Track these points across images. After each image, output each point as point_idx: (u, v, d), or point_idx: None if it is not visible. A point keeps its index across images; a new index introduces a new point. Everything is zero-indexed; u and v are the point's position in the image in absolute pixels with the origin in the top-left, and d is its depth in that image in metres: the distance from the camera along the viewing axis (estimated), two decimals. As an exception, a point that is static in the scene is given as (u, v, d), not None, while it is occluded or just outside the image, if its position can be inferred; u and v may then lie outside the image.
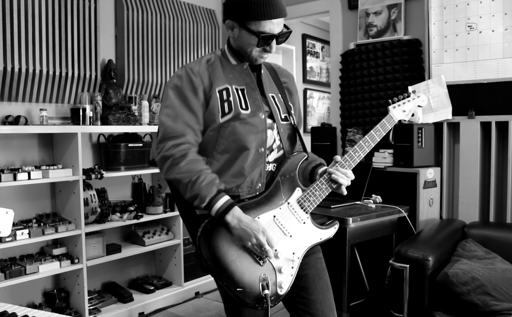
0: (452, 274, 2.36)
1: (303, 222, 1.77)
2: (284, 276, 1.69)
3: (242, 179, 1.75)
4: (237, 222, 1.64)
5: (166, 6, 3.97)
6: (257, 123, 1.78)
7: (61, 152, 3.26)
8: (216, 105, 1.74)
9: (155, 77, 3.87)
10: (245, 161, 1.75)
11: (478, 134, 3.06)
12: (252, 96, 1.81)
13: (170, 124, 1.72)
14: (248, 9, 1.69)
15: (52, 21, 3.20)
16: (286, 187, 1.78)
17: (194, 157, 1.71)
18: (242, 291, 1.63)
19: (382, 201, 3.02)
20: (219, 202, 1.65)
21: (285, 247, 1.72)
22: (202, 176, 1.66)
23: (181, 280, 3.80)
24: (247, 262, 1.66)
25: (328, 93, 6.03)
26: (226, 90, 1.77)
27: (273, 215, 1.74)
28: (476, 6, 3.06)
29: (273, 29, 1.71)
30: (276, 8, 1.69)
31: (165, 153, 1.70)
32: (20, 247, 3.05)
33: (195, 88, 1.75)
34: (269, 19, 1.69)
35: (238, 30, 1.76)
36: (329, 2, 3.91)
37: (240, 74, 1.82)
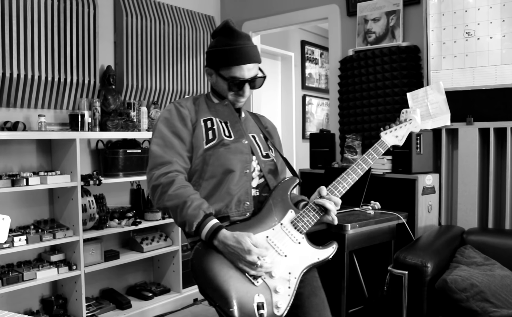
0: (451, 280, 2.36)
1: (298, 242, 1.77)
2: (280, 296, 1.66)
3: (230, 198, 1.82)
4: (223, 246, 1.67)
5: (165, 13, 3.98)
6: (240, 147, 1.89)
7: (59, 158, 3.25)
8: (201, 133, 1.87)
9: (154, 83, 3.87)
10: (231, 182, 1.83)
11: (477, 140, 3.06)
12: (236, 127, 1.95)
13: (159, 153, 1.82)
14: (220, 57, 1.88)
15: (51, 27, 3.21)
16: (278, 209, 1.81)
17: (181, 183, 1.77)
18: (235, 311, 1.59)
19: (380, 207, 3.02)
20: (207, 226, 1.69)
21: (280, 267, 1.70)
22: (189, 202, 1.71)
23: (179, 286, 3.78)
24: (240, 282, 1.65)
25: (327, 99, 6.04)
26: (210, 120, 1.92)
27: (266, 236, 1.75)
28: (474, 13, 3.07)
29: (243, 75, 1.87)
30: (245, 55, 1.86)
31: (154, 183, 1.78)
32: (18, 253, 3.05)
33: (183, 118, 1.88)
34: (238, 65, 1.85)
35: (215, 76, 1.94)
36: (328, 9, 3.92)
37: (223, 110, 1.97)
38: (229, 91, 1.93)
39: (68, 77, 3.31)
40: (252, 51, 1.89)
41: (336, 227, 2.60)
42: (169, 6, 4.05)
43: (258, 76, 1.92)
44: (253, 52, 1.90)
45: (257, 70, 1.93)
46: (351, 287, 2.80)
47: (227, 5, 4.64)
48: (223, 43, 1.89)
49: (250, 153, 1.91)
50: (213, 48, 1.92)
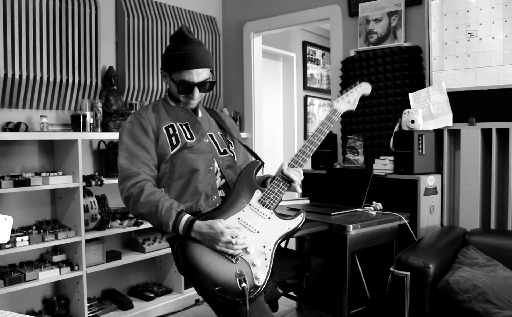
0: (453, 281, 2.35)
1: (268, 217, 1.92)
2: (258, 268, 1.80)
3: (198, 195, 1.99)
4: (200, 235, 1.82)
5: (166, 14, 3.99)
6: (203, 147, 2.05)
7: (61, 158, 3.26)
8: (165, 140, 2.01)
9: (156, 84, 3.87)
10: (197, 180, 1.99)
11: (479, 141, 3.06)
12: (195, 127, 2.09)
13: (127, 166, 1.96)
14: (171, 61, 2.01)
15: (53, 28, 3.21)
16: (245, 192, 1.97)
17: (150, 190, 1.91)
18: (221, 289, 1.75)
19: (382, 208, 3.02)
20: (181, 222, 1.84)
21: (255, 242, 1.85)
22: (160, 206, 1.86)
23: (181, 287, 3.78)
24: (220, 262, 1.80)
25: (329, 100, 6.04)
26: (172, 126, 2.05)
27: (238, 217, 1.91)
28: (476, 13, 3.07)
29: (192, 79, 2.00)
30: (193, 60, 1.97)
31: (126, 194, 1.93)
32: (20, 254, 3.05)
33: (145, 129, 2.01)
34: (186, 69, 1.98)
35: (168, 79, 2.07)
36: (329, 9, 3.92)
37: (180, 112, 2.10)
38: (179, 94, 2.05)
39: (70, 78, 3.32)
40: (202, 56, 2.01)
41: (338, 228, 2.61)
42: (171, 7, 4.05)
43: (208, 80, 2.05)
44: (203, 57, 2.01)
45: (207, 74, 2.05)
46: (353, 288, 2.80)
47: (229, 6, 4.64)
48: (175, 48, 2.01)
49: (212, 151, 2.07)
50: (166, 52, 2.06)
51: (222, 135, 2.20)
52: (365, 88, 2.26)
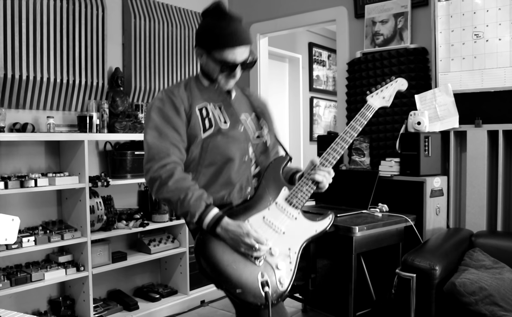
0: (460, 283, 2.34)
1: (295, 218, 1.81)
2: (282, 272, 1.72)
3: (231, 187, 1.86)
4: (225, 233, 1.72)
5: (173, 15, 4.00)
6: (237, 135, 1.91)
7: (67, 159, 3.27)
8: (198, 122, 1.86)
9: (162, 85, 3.88)
10: (231, 170, 1.86)
11: (485, 142, 3.04)
12: (230, 111, 1.94)
13: (156, 145, 1.80)
14: (212, 39, 1.84)
15: (60, 29, 3.23)
16: (271, 188, 1.85)
17: (180, 175, 1.78)
18: (242, 292, 1.67)
19: (388, 210, 3.01)
20: (208, 216, 1.72)
21: (279, 244, 1.76)
22: (189, 193, 1.73)
23: (186, 288, 3.79)
24: (242, 264, 1.70)
25: (335, 101, 6.03)
26: (205, 107, 1.90)
27: (263, 216, 1.80)
28: (483, 14, 3.06)
29: (235, 57, 1.84)
30: (237, 38, 1.83)
31: (153, 175, 1.78)
32: (26, 254, 3.06)
33: (177, 108, 1.85)
34: (230, 47, 1.82)
35: (205, 57, 1.89)
36: (335, 11, 3.92)
37: (214, 93, 1.95)
38: (220, 73, 1.89)
39: (77, 79, 3.33)
40: (244, 33, 1.87)
41: (344, 229, 2.60)
42: (177, 8, 4.06)
43: (249, 58, 1.90)
44: (246, 34, 1.88)
45: (248, 52, 1.90)
46: (358, 289, 2.79)
47: (235, 7, 4.64)
48: (215, 24, 1.85)
49: (246, 140, 1.93)
50: (204, 28, 1.88)
51: (255, 118, 2.04)
52: (401, 84, 2.12)
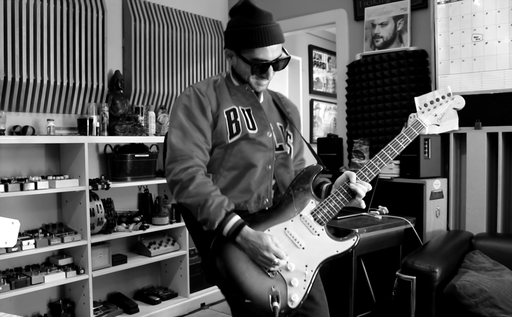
0: (460, 286, 2.34)
1: (317, 234, 1.72)
2: (295, 289, 1.66)
3: (250, 195, 1.78)
4: (245, 242, 1.66)
5: (173, 18, 4.00)
6: (265, 141, 1.81)
7: (67, 162, 3.27)
8: (224, 126, 1.78)
9: (162, 88, 3.89)
10: (252, 177, 1.78)
11: (485, 144, 3.04)
12: (258, 116, 1.84)
13: (179, 146, 1.74)
14: (241, 38, 1.75)
15: (60, 32, 3.23)
16: (299, 199, 1.75)
17: (201, 180, 1.71)
18: (251, 303, 1.62)
19: (388, 212, 3.01)
20: (228, 224, 1.66)
21: (297, 260, 1.68)
22: (210, 200, 1.67)
23: (186, 291, 3.79)
24: (256, 274, 1.65)
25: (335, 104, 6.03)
26: (233, 111, 1.81)
27: (284, 228, 1.72)
28: (482, 17, 3.06)
29: (267, 56, 1.75)
30: (268, 36, 1.74)
31: (174, 178, 1.72)
32: (26, 257, 3.06)
33: (203, 108, 1.77)
34: (261, 46, 1.73)
35: (236, 58, 1.82)
36: (335, 13, 3.92)
37: (244, 95, 1.86)
38: (251, 74, 1.81)
39: (77, 82, 3.34)
40: (276, 30, 1.78)
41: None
42: (177, 11, 4.07)
43: (281, 57, 1.82)
44: (277, 31, 1.78)
45: (280, 50, 1.82)
46: (359, 292, 2.79)
47: (235, 10, 4.65)
48: (245, 22, 1.76)
49: (273, 148, 1.84)
50: (233, 28, 1.80)
51: (281, 127, 1.93)
52: (457, 102, 1.95)
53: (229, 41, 1.82)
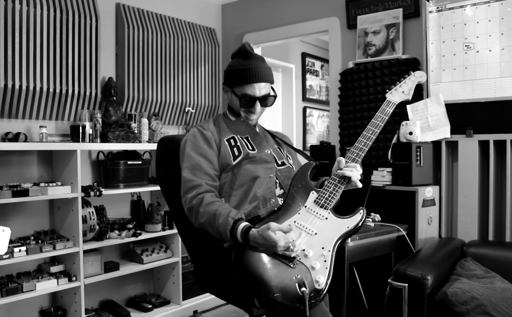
0: (451, 293, 2.35)
1: (325, 218, 1.83)
2: (318, 271, 1.72)
3: (257, 201, 1.96)
4: (257, 245, 1.75)
5: (166, 25, 4.01)
6: (264, 157, 2.05)
7: (60, 169, 3.26)
8: (227, 151, 2.02)
9: (155, 95, 3.89)
10: (257, 186, 1.98)
11: (477, 152, 3.07)
12: (256, 140, 2.11)
13: (189, 178, 1.95)
14: (234, 76, 2.06)
15: (53, 38, 3.23)
16: (300, 195, 1.90)
17: (209, 200, 1.88)
18: (280, 295, 1.68)
19: (381, 219, 3.02)
20: (238, 231, 1.78)
21: (313, 245, 1.77)
22: (217, 214, 1.82)
23: (179, 298, 3.77)
24: (278, 268, 1.72)
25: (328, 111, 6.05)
26: (233, 138, 2.07)
27: (294, 221, 1.82)
28: (473, 26, 3.09)
29: (254, 92, 2.04)
30: (256, 75, 2.02)
31: (188, 206, 1.92)
32: (17, 264, 3.04)
33: (207, 140, 2.03)
34: (249, 83, 2.02)
35: (230, 93, 2.11)
36: (328, 21, 3.95)
37: (241, 126, 2.13)
38: (241, 108, 2.08)
39: (70, 89, 3.33)
40: (264, 71, 2.05)
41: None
42: (171, 18, 4.08)
43: (269, 94, 2.08)
44: (265, 72, 2.05)
45: (269, 89, 2.08)
46: (351, 299, 2.80)
47: (228, 17, 4.67)
48: (238, 63, 2.06)
49: (273, 161, 2.07)
50: (229, 67, 2.10)
51: (279, 149, 2.20)
52: (419, 76, 2.17)
53: (226, 78, 2.11)
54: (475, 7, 3.08)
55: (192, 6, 4.39)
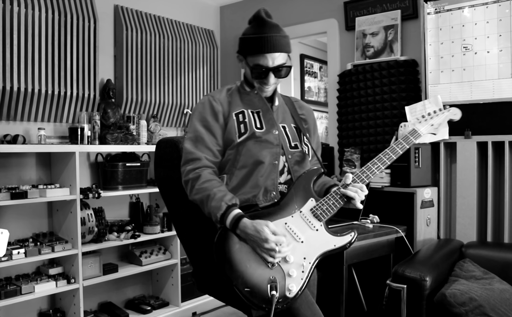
0: (450, 294, 2.35)
1: (316, 229, 1.81)
2: (293, 279, 1.72)
3: (258, 189, 1.90)
4: (244, 235, 1.74)
5: (165, 27, 4.01)
6: (271, 139, 1.95)
7: (58, 171, 3.26)
8: (234, 127, 1.94)
9: (154, 97, 3.89)
10: (260, 173, 1.91)
11: (475, 154, 3.07)
12: (267, 116, 1.99)
13: (190, 149, 1.91)
14: (247, 45, 1.94)
15: (52, 40, 3.23)
16: (299, 197, 1.86)
17: (206, 177, 1.85)
18: (250, 291, 1.69)
19: (379, 221, 3.02)
20: (229, 217, 1.76)
21: (296, 252, 1.76)
22: (212, 194, 1.79)
23: (178, 300, 3.77)
24: (256, 264, 1.73)
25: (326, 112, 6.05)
26: (242, 113, 1.97)
27: (285, 222, 1.80)
28: (471, 27, 3.10)
29: (267, 63, 1.91)
30: (268, 44, 1.89)
31: (185, 178, 1.90)
32: (16, 266, 3.04)
33: (215, 113, 1.95)
34: (261, 53, 1.90)
35: (244, 63, 1.99)
36: (326, 23, 3.95)
37: (254, 98, 2.02)
38: (253, 79, 1.97)
39: (68, 91, 3.33)
40: (279, 40, 1.92)
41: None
42: (169, 20, 4.08)
43: (284, 65, 1.95)
44: (280, 41, 1.92)
45: (284, 59, 1.95)
46: (350, 300, 2.80)
47: (227, 19, 4.67)
48: (252, 31, 1.94)
49: (280, 145, 1.96)
50: (244, 35, 1.98)
51: (296, 128, 2.07)
52: (453, 114, 2.09)
53: (240, 46, 1.99)
54: (473, 9, 3.09)
55: (190, 8, 4.39)
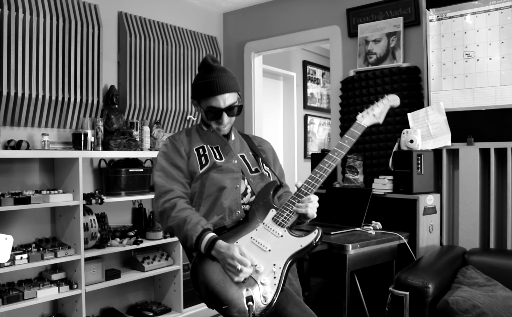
0: (453, 301, 2.35)
1: (281, 235, 1.88)
2: (267, 287, 1.79)
3: (223, 211, 2.01)
4: (218, 254, 1.83)
5: (168, 33, 4.03)
6: (231, 167, 2.08)
7: (62, 176, 3.27)
8: (195, 160, 2.09)
9: (157, 103, 3.90)
10: (224, 196, 2.02)
11: (477, 160, 3.07)
12: (225, 150, 2.14)
13: (162, 183, 2.04)
14: (199, 90, 2.09)
15: (55, 46, 3.25)
16: (261, 211, 1.97)
17: (182, 206, 1.97)
18: (228, 308, 1.75)
19: (382, 227, 3.02)
20: (205, 239, 1.85)
21: (265, 261, 1.82)
22: (188, 220, 1.90)
23: (180, 306, 3.77)
24: (229, 282, 1.79)
25: (329, 119, 6.06)
26: (202, 147, 2.12)
27: (250, 237, 1.90)
28: (474, 34, 3.11)
29: (219, 104, 2.05)
30: (218, 87, 2.03)
31: (160, 209, 2.00)
32: (19, 272, 3.04)
33: (178, 150, 2.11)
34: (212, 95, 2.04)
35: (199, 107, 2.13)
36: (329, 30, 3.97)
37: (211, 136, 2.17)
38: (209, 121, 2.11)
39: (72, 97, 3.35)
40: (227, 81, 2.06)
41: (337, 247, 2.61)
42: (173, 27, 4.10)
43: (235, 104, 2.08)
44: (228, 82, 2.06)
45: (234, 98, 2.08)
46: (352, 307, 2.79)
47: (230, 26, 4.69)
48: (201, 77, 2.09)
49: (240, 171, 2.09)
50: (195, 81, 2.13)
51: (254, 155, 2.22)
52: (392, 100, 2.22)
53: (192, 92, 2.15)
54: (475, 16, 3.10)
55: (193, 15, 4.41)
